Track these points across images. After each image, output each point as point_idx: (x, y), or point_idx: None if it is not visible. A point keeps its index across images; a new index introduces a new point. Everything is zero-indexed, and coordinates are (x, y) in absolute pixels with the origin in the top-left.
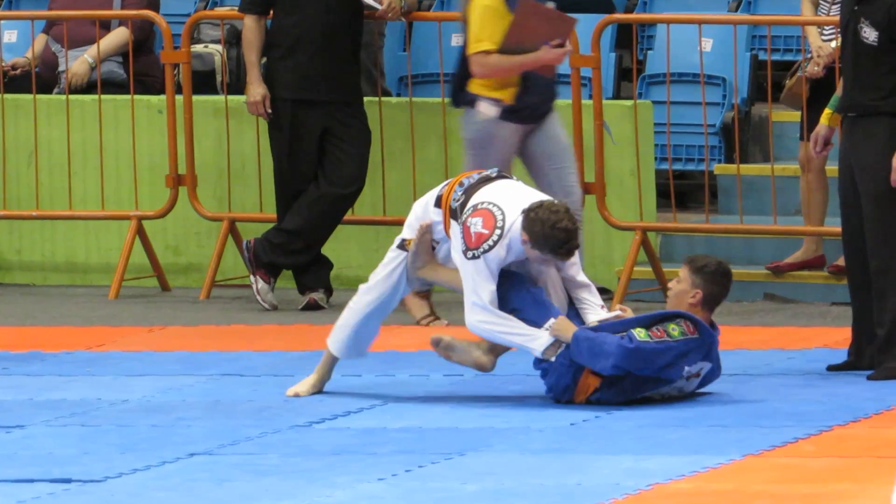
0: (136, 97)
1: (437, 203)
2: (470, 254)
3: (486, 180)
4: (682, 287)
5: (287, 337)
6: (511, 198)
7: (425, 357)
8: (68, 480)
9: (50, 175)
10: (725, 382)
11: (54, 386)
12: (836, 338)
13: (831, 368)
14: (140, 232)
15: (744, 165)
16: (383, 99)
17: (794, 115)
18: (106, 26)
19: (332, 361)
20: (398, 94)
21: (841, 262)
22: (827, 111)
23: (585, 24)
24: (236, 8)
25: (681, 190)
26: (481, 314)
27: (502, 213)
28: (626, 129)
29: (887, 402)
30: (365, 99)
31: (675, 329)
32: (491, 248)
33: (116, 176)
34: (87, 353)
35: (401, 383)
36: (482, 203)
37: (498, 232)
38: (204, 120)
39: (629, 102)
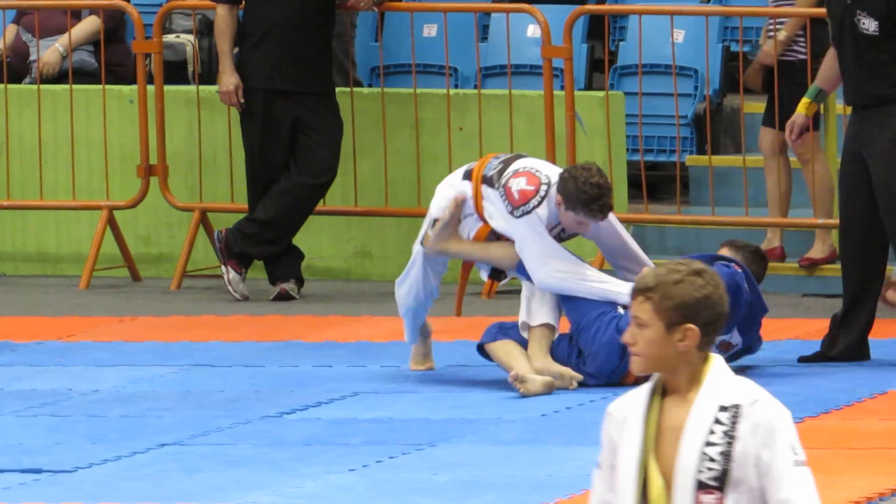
0: (108, 87)
1: (467, 176)
2: (518, 211)
3: (517, 157)
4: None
5: (258, 327)
6: (550, 166)
7: (396, 348)
8: (38, 471)
9: (21, 165)
10: None
11: (25, 376)
12: (808, 329)
13: (802, 360)
14: (111, 222)
15: (715, 157)
16: (355, 89)
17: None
18: (77, 15)
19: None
20: (370, 85)
21: (812, 254)
22: (805, 100)
23: (557, 15)
24: None
25: (652, 181)
26: (553, 264)
27: (546, 176)
28: (598, 120)
29: (858, 393)
30: (337, 89)
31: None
32: (538, 203)
33: (87, 166)
34: (57, 344)
35: (372, 374)
36: (523, 167)
37: (544, 188)
38: (175, 110)
39: (601, 93)
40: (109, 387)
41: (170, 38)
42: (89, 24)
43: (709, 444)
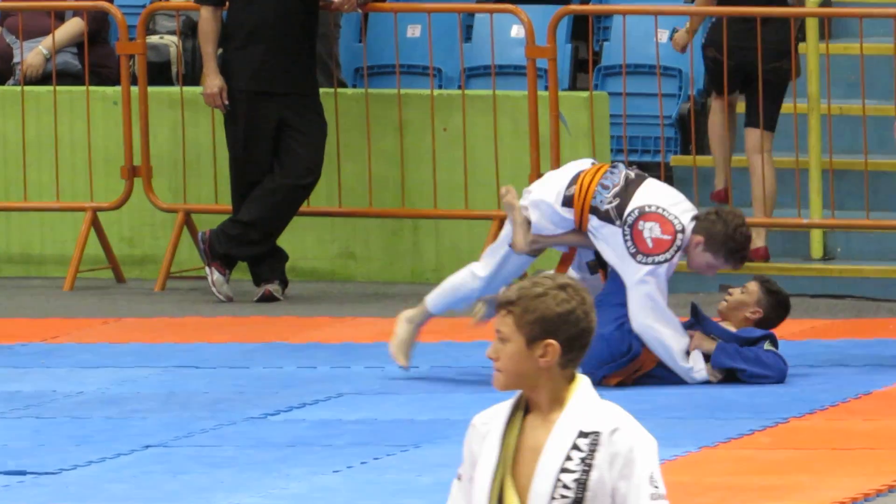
0: (92, 88)
1: (567, 202)
2: (647, 259)
3: (634, 182)
4: (745, 299)
5: (242, 329)
6: (674, 202)
7: (381, 349)
8: (23, 473)
9: (5, 166)
10: None
11: (9, 378)
12: (793, 330)
13: None
14: (95, 223)
15: (700, 157)
16: (339, 90)
17: None
18: (61, 17)
19: None
20: (354, 86)
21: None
22: None
23: (541, 15)
24: None
25: None
26: (658, 324)
27: (678, 220)
28: (582, 120)
29: (843, 394)
30: (321, 90)
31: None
32: (674, 255)
33: (72, 167)
34: (41, 345)
35: (356, 375)
36: (650, 206)
37: (680, 238)
38: (159, 111)
39: (585, 94)
40: (94, 388)
41: (153, 39)
42: (73, 26)
43: (564, 470)
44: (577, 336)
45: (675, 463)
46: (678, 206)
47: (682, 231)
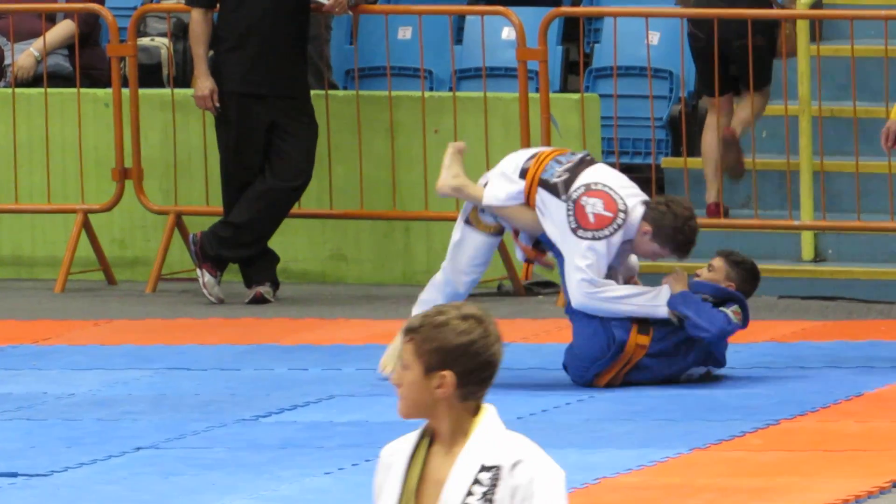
0: (83, 90)
1: (522, 175)
2: (587, 233)
3: (587, 163)
4: (714, 276)
5: (233, 330)
6: (622, 185)
7: (372, 351)
8: (14, 474)
9: None
10: None
11: (0, 380)
12: (784, 331)
13: None
14: (86, 225)
15: (691, 158)
16: (330, 92)
17: None
18: (51, 19)
19: None
20: (345, 88)
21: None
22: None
23: (532, 17)
24: (182, 1)
25: None
26: (590, 287)
27: (622, 199)
28: (573, 122)
29: (834, 395)
30: (311, 92)
31: (732, 314)
32: (614, 231)
33: (62, 169)
34: (33, 347)
35: (348, 377)
36: (595, 184)
37: (621, 217)
38: (150, 113)
39: (576, 96)
40: (85, 390)
41: (144, 41)
42: (64, 28)
43: None
44: (477, 368)
45: (666, 464)
46: (626, 190)
47: (625, 211)
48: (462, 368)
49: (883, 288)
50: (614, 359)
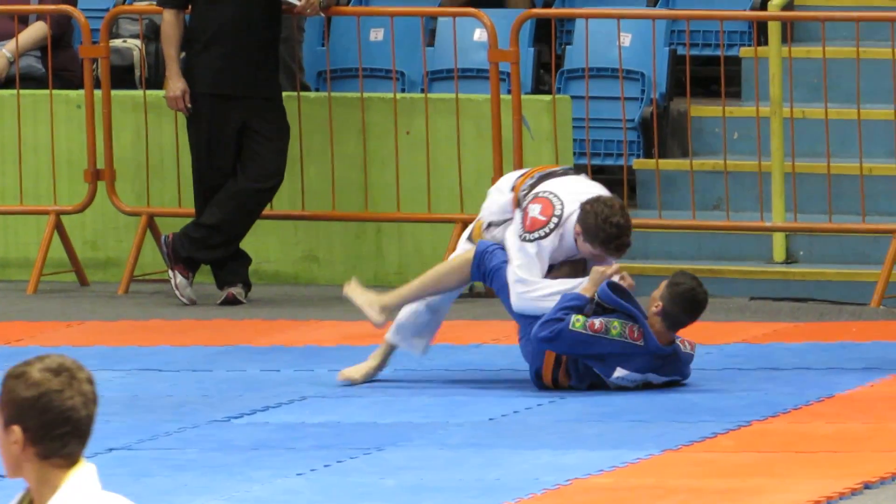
0: (55, 92)
1: (513, 188)
2: (523, 236)
3: (553, 175)
4: (654, 293)
5: (206, 332)
6: (573, 191)
7: (344, 352)
8: None
9: None
10: None
11: None
12: (755, 333)
13: None
14: (58, 227)
15: (662, 160)
16: (302, 94)
17: (714, 110)
18: (24, 21)
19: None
20: (317, 89)
21: None
22: None
23: (504, 19)
24: (155, 2)
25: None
26: (522, 286)
27: (561, 204)
28: (545, 124)
29: (805, 397)
30: (284, 93)
31: (615, 328)
32: (545, 235)
33: (35, 171)
34: (4, 349)
35: (320, 378)
36: (543, 192)
37: (555, 220)
38: (122, 115)
39: (548, 97)
40: None
41: (117, 42)
42: (36, 30)
43: None
44: (49, 424)
45: (637, 466)
46: (576, 195)
47: (559, 216)
48: (32, 423)
49: (854, 289)
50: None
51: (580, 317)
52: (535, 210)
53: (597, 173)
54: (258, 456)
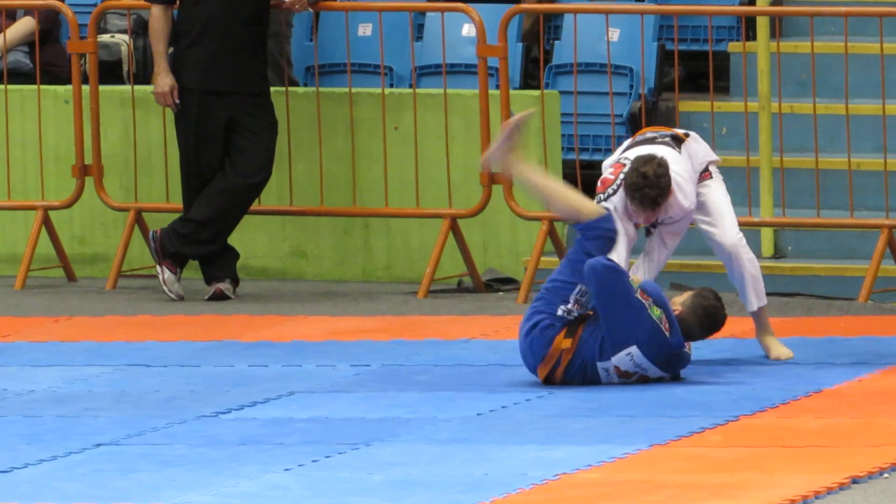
0: (43, 87)
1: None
2: (597, 198)
3: (648, 140)
4: (675, 297)
5: (193, 327)
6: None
7: (332, 347)
8: None
9: None
10: None
11: None
12: (743, 327)
13: None
14: (46, 222)
15: None
16: (290, 89)
17: (703, 105)
18: (12, 16)
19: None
20: (305, 84)
21: None
22: None
23: (492, 14)
24: None
25: (588, 180)
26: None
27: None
28: (534, 119)
29: (794, 392)
30: (272, 89)
31: (656, 311)
32: (611, 194)
33: (23, 166)
34: None
35: (307, 373)
36: (621, 158)
37: (620, 178)
38: (110, 110)
39: (536, 93)
40: (45, 387)
41: (105, 38)
42: (24, 25)
43: None
44: None
45: (626, 461)
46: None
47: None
48: None
49: (842, 284)
50: (544, 354)
51: (636, 278)
52: (606, 171)
53: (585, 168)
54: (246, 451)
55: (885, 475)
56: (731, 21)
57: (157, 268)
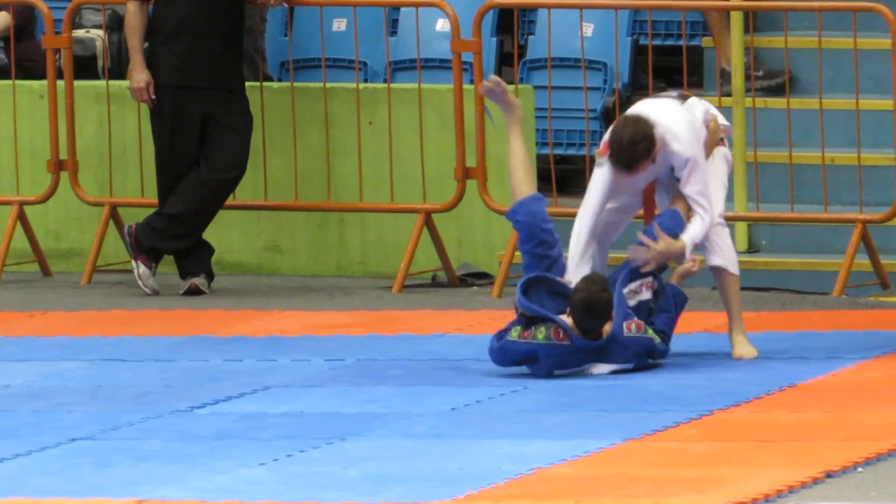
0: (18, 82)
1: None
2: (597, 161)
3: (661, 98)
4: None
5: (169, 322)
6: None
7: (307, 342)
8: None
9: None
10: None
11: None
12: (718, 322)
13: None
14: (21, 217)
15: None
16: (265, 84)
17: None
18: None
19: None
20: (280, 80)
21: None
22: None
23: (467, 9)
24: None
25: (562, 175)
26: (578, 219)
27: None
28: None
29: (767, 386)
30: (247, 84)
31: (541, 332)
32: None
33: None
34: None
35: (282, 368)
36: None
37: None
38: (85, 105)
39: (510, 87)
40: (20, 381)
41: (80, 33)
42: None
43: None
44: None
45: (600, 455)
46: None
47: None
48: None
49: (816, 279)
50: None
51: (516, 328)
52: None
53: (559, 163)
54: (221, 446)
55: (859, 469)
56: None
57: (133, 263)
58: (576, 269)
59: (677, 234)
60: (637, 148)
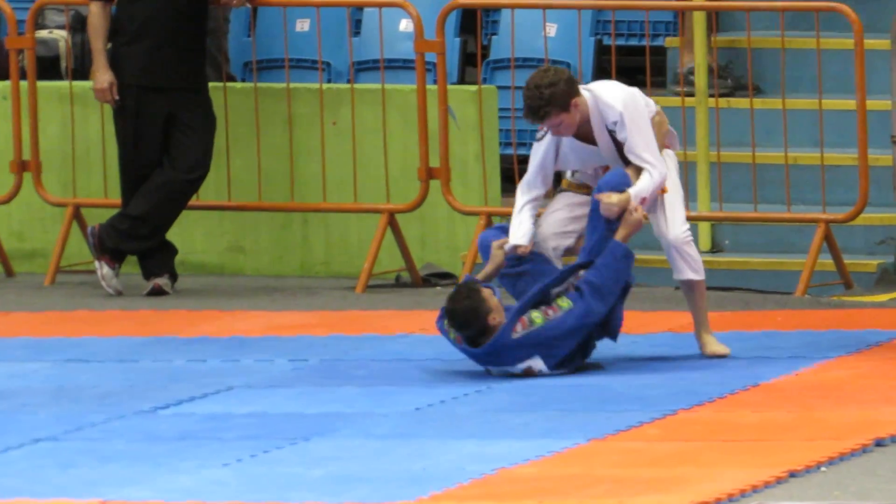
0: None
1: None
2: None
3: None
4: None
5: (132, 322)
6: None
7: (270, 342)
8: None
9: None
10: None
11: None
12: (681, 321)
13: None
14: None
15: None
16: (228, 84)
17: None
18: None
19: None
20: (243, 80)
21: None
22: None
23: (430, 9)
24: None
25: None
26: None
27: None
28: (471, 114)
29: (731, 386)
30: (210, 84)
31: (538, 317)
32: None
33: None
34: None
35: (245, 369)
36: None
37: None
38: (49, 106)
39: (474, 87)
40: None
41: (43, 33)
42: None
43: None
44: None
45: (563, 455)
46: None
47: None
48: None
49: (779, 278)
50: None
51: (536, 312)
52: None
53: (523, 163)
54: (184, 446)
55: (823, 469)
56: (667, 16)
57: (96, 263)
58: (515, 228)
59: (623, 191)
60: (546, 93)
